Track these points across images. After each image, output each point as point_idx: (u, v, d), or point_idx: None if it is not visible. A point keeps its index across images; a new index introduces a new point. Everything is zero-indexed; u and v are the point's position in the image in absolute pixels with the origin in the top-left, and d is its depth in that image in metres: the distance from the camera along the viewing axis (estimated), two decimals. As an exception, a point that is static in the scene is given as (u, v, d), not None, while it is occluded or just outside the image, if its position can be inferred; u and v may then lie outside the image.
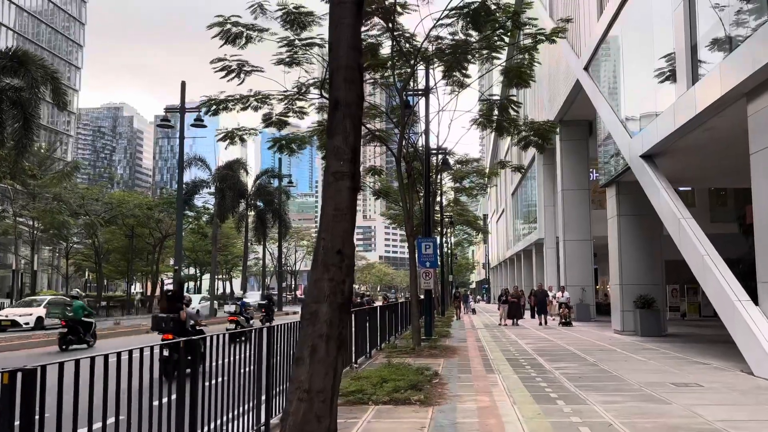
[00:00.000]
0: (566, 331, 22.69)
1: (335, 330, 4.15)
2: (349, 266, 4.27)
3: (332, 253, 4.22)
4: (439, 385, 10.10)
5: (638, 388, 9.59)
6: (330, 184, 4.32)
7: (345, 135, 4.34)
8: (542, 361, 13.53)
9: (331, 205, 4.29)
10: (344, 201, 4.29)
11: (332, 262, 4.21)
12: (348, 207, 4.29)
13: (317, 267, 4.26)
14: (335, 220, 4.26)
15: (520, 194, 52.81)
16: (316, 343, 4.09)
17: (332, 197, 4.31)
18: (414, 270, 16.77)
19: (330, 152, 4.40)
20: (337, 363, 4.18)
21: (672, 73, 15.90)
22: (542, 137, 17.58)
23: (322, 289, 4.18)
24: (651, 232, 20.61)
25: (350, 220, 4.31)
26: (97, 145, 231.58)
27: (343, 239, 4.26)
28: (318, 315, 4.14)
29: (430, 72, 18.84)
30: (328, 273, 4.20)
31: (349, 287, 4.26)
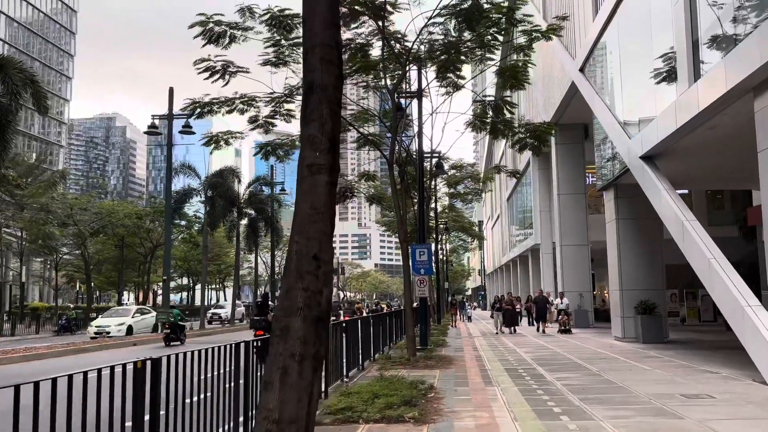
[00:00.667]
0: (565, 339, 22.11)
1: (310, 348, 3.57)
2: (327, 274, 3.69)
3: (307, 259, 3.65)
4: (434, 400, 9.49)
5: (647, 401, 9.00)
6: (305, 178, 3.75)
7: (321, 122, 3.77)
8: (543, 371, 12.93)
9: (307, 203, 3.71)
10: (321, 198, 3.71)
11: (307, 269, 3.63)
12: (325, 205, 3.72)
13: (289, 275, 3.68)
14: (311, 220, 3.69)
15: (516, 199, 52.33)
16: (288, 364, 3.50)
17: (307, 193, 3.73)
18: (408, 277, 16.17)
19: (304, 142, 3.83)
20: (312, 387, 3.59)
21: (672, 72, 15.41)
22: (538, 139, 17.04)
23: (295, 300, 3.60)
24: (651, 235, 20.09)
25: (328, 220, 3.73)
26: (89, 155, 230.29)
27: (320, 242, 3.68)
28: (290, 331, 3.56)
29: (422, 73, 18.31)
30: (302, 281, 3.61)
31: (328, 298, 3.68)
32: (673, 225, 14.56)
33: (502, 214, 63.90)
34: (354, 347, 13.07)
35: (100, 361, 10.37)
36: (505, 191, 58.09)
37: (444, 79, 18.04)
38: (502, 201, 62.59)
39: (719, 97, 11.66)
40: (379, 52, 16.78)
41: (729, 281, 11.46)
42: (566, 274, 30.02)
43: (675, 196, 14.82)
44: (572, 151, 30.83)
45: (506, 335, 24.91)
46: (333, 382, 10.99)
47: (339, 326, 11.89)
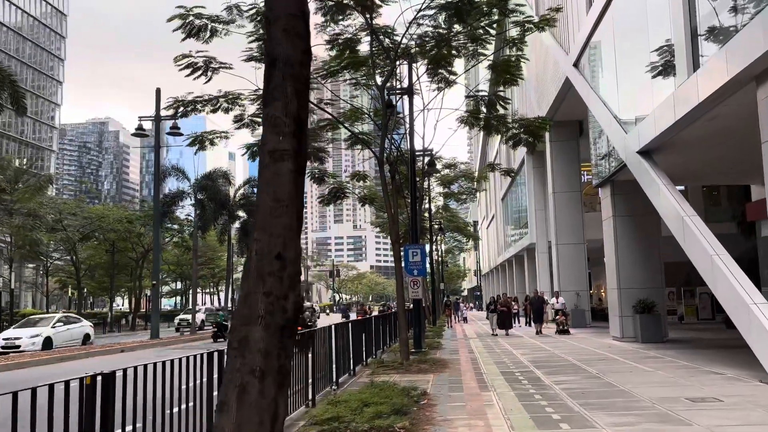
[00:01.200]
0: (563, 339, 21.64)
1: (273, 362, 3.08)
2: (293, 276, 3.20)
3: (269, 258, 3.16)
4: (427, 407, 9.00)
5: (650, 405, 8.53)
6: (266, 166, 3.27)
7: (285, 102, 3.29)
8: (540, 374, 12.46)
9: (269, 195, 3.23)
10: (285, 188, 3.23)
11: (269, 270, 3.15)
12: (290, 196, 3.23)
13: (249, 277, 3.19)
14: (273, 214, 3.20)
15: (510, 199, 51.90)
16: (247, 381, 3.01)
17: (270, 183, 3.25)
18: (400, 279, 15.69)
19: (266, 124, 3.35)
20: (277, 406, 3.10)
21: (669, 65, 14.99)
22: (533, 134, 16.58)
23: (255, 306, 3.11)
24: (649, 232, 19.67)
25: (294, 214, 3.24)
26: (83, 160, 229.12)
27: (284, 239, 3.19)
28: (249, 342, 3.07)
29: (413, 69, 17.85)
30: (263, 285, 3.13)
31: (295, 303, 3.20)
32: (673, 221, 14.11)
33: (497, 213, 63.49)
34: (344, 352, 12.58)
35: (75, 371, 9.85)
36: (500, 191, 57.68)
37: (435, 75, 17.59)
38: (496, 201, 62.17)
39: (720, 87, 11.22)
40: (368, 48, 16.31)
41: (733, 278, 11.02)
42: (562, 273, 29.58)
43: (674, 191, 14.38)
44: (567, 148, 30.41)
45: (502, 336, 24.42)
46: (322, 389, 10.50)
47: (328, 331, 11.40)
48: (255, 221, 3.27)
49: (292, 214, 3.22)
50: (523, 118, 17.49)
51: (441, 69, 16.99)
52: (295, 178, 3.25)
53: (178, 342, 27.36)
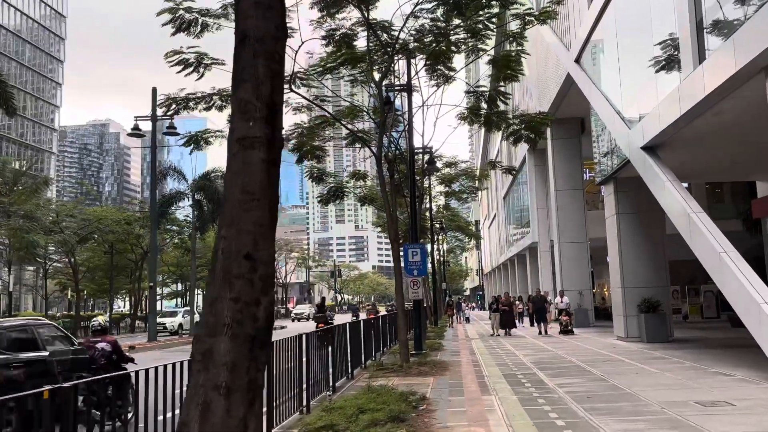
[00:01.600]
0: (566, 340, 21.26)
1: (242, 376, 2.73)
2: (265, 278, 2.84)
3: (237, 259, 2.81)
4: (426, 413, 8.64)
5: (659, 410, 8.16)
6: (235, 155, 2.92)
7: (256, 83, 2.94)
8: (543, 376, 12.09)
9: (237, 186, 2.87)
10: (256, 179, 2.88)
11: (238, 272, 2.80)
12: (262, 189, 2.88)
13: (214, 281, 2.84)
14: (243, 209, 2.85)
15: (512, 197, 51.52)
16: (211, 399, 2.66)
17: (238, 174, 2.90)
18: (400, 279, 15.32)
19: (235, 109, 2.99)
20: (246, 427, 2.74)
21: (672, 59, 14.62)
22: (534, 130, 16.19)
23: (221, 314, 2.76)
24: (653, 230, 19.29)
25: (266, 208, 2.89)
26: (83, 162, 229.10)
27: (255, 237, 2.84)
28: (213, 355, 2.72)
29: (412, 65, 17.48)
30: (230, 289, 2.78)
31: (267, 310, 2.84)
32: (678, 218, 13.74)
33: (498, 213, 63.10)
34: (341, 355, 12.23)
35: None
36: (501, 190, 57.30)
37: (434, 71, 17.22)
38: (498, 200, 61.79)
39: (727, 79, 10.84)
40: (365, 44, 15.95)
41: (742, 276, 10.64)
42: (565, 272, 29.19)
43: (680, 187, 14.00)
44: (569, 145, 30.02)
45: (504, 337, 24.02)
46: (318, 395, 10.15)
47: (324, 334, 11.05)
48: (221, 218, 2.92)
49: (264, 209, 2.86)
50: (523, 114, 17.10)
51: (440, 65, 16.64)
52: (268, 168, 2.90)
53: (176, 344, 26.99)
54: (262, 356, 2.83)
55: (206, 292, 2.91)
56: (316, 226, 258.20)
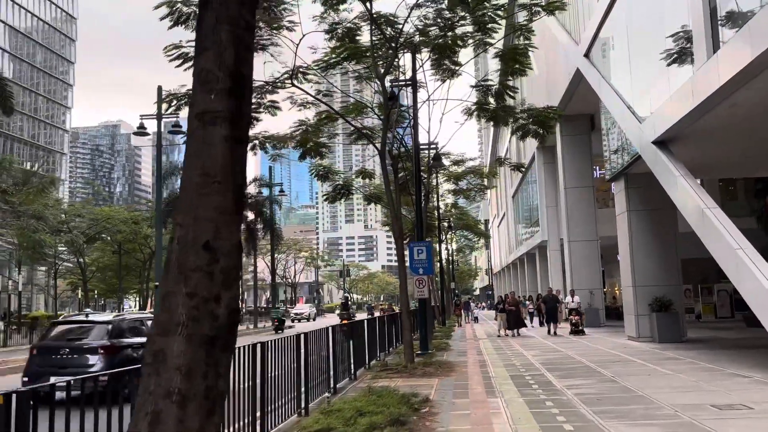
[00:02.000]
0: (576, 340, 20.82)
1: (198, 382, 2.40)
2: (227, 271, 2.51)
3: (194, 249, 2.48)
4: (428, 416, 8.30)
5: (673, 414, 7.77)
6: (194, 132, 2.59)
7: (219, 50, 2.61)
8: (552, 377, 11.71)
9: (196, 167, 2.55)
10: (217, 159, 2.55)
11: (194, 265, 2.48)
12: (224, 170, 2.55)
13: (169, 274, 2.51)
14: (201, 193, 2.53)
15: (521, 196, 51.01)
16: (162, 408, 2.33)
17: (198, 154, 2.57)
18: (404, 277, 14.98)
19: (196, 80, 2.67)
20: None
21: (686, 50, 14.19)
22: (542, 125, 15.80)
23: (175, 311, 2.43)
24: (665, 227, 18.83)
25: (229, 193, 2.56)
26: (95, 163, 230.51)
27: (215, 224, 2.51)
28: (165, 357, 2.39)
29: (417, 60, 17.13)
30: (186, 283, 2.45)
31: (230, 306, 2.50)
32: (692, 214, 13.30)
33: (507, 211, 62.58)
34: (343, 355, 11.91)
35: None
36: (510, 188, 56.79)
37: (440, 66, 16.87)
38: (507, 198, 61.27)
39: (743, 68, 10.41)
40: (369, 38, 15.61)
41: (760, 274, 10.21)
42: (575, 271, 28.70)
43: (693, 183, 13.56)
44: (578, 142, 29.52)
45: (512, 337, 23.58)
46: (318, 396, 9.84)
47: (324, 333, 10.73)
48: (178, 202, 2.59)
49: (225, 193, 2.53)
50: (531, 108, 16.69)
51: (445, 59, 16.28)
52: (232, 147, 2.57)
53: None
54: (224, 359, 2.50)
55: (160, 286, 2.59)
56: (325, 225, 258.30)
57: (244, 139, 2.64)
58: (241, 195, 2.63)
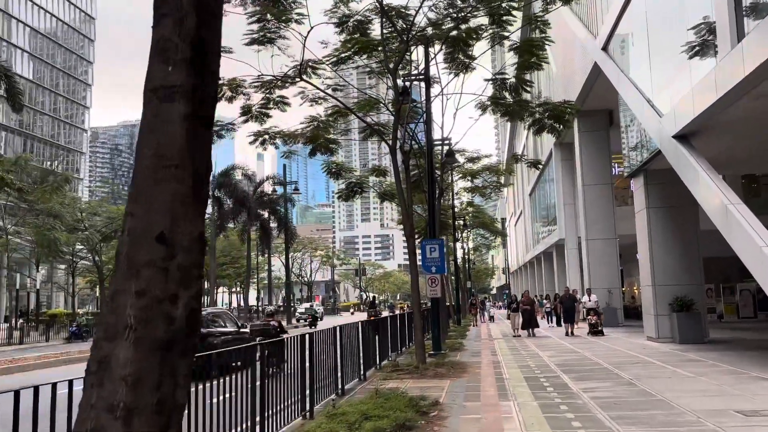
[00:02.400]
0: (593, 340, 20.32)
1: (148, 394, 2.09)
2: (186, 268, 2.19)
3: (147, 241, 2.17)
4: (437, 421, 7.96)
5: (696, 420, 7.35)
6: (149, 110, 2.28)
7: (179, 16, 2.29)
8: (567, 379, 11.31)
9: (150, 149, 2.23)
10: (175, 140, 2.24)
11: (147, 259, 2.17)
12: (182, 152, 2.23)
13: (119, 270, 2.20)
14: (156, 178, 2.21)
15: (538, 194, 50.37)
16: (103, 424, 2.02)
17: (152, 133, 2.25)
18: (415, 275, 14.64)
19: (153, 50, 2.36)
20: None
21: (708, 43, 13.68)
22: (558, 119, 15.35)
23: (122, 312, 2.12)
24: (686, 225, 18.30)
25: (188, 179, 2.23)
26: (114, 162, 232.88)
27: (171, 214, 2.19)
28: (110, 365, 2.09)
29: (430, 53, 16.76)
30: (136, 281, 2.14)
31: (189, 308, 2.18)
32: (715, 210, 12.80)
33: (524, 209, 61.92)
34: (352, 355, 11.60)
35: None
36: (527, 186, 56.15)
37: (453, 59, 16.48)
38: (524, 196, 60.62)
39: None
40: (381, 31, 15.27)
41: (787, 273, 9.72)
42: (593, 270, 28.16)
43: (716, 178, 13.05)
44: (596, 139, 28.94)
45: (528, 337, 23.10)
46: (325, 398, 9.54)
47: (331, 333, 10.43)
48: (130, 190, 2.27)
49: (184, 179, 2.22)
50: (547, 102, 16.24)
51: (459, 53, 15.89)
52: (192, 127, 2.26)
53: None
54: (183, 367, 2.18)
55: (109, 284, 2.28)
56: (341, 224, 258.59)
57: (207, 119, 2.32)
58: (203, 182, 2.31)
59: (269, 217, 40.24)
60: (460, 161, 28.71)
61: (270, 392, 7.11)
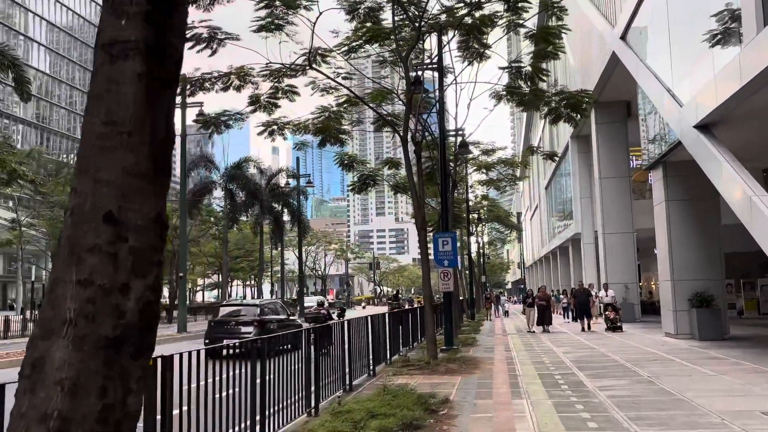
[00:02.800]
0: (610, 336, 19.87)
1: (90, 401, 1.78)
2: (140, 252, 1.87)
3: (92, 221, 1.85)
4: (446, 419, 7.63)
5: (720, 422, 6.97)
6: (99, 69, 1.97)
7: (133, -39, 1.97)
8: (583, 376, 10.93)
9: (99, 114, 1.92)
10: (128, 104, 1.91)
11: (91, 243, 1.85)
12: (137, 119, 1.91)
13: (60, 255, 1.89)
14: (104, 147, 1.89)
15: (554, 187, 49.73)
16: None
17: (100, 97, 1.93)
18: (427, 269, 14.30)
19: (105, 5, 2.04)
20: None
21: (731, 30, 13.16)
22: (575, 108, 14.89)
23: (61, 304, 1.81)
24: (706, 218, 17.79)
25: (144, 149, 1.91)
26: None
27: (122, 190, 1.88)
28: (44, 367, 1.78)
29: (442, 41, 16.35)
30: (78, 268, 1.82)
31: (143, 301, 1.86)
32: (738, 202, 12.31)
33: (540, 203, 61.26)
34: (360, 351, 11.30)
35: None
36: (543, 180, 55.49)
37: (467, 49, 16.07)
38: (540, 190, 59.96)
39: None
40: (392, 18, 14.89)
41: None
42: (610, 264, 27.61)
43: (739, 169, 12.55)
44: (614, 130, 28.31)
45: (543, 333, 22.66)
46: (332, 394, 9.26)
47: (339, 327, 10.14)
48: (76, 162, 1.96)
49: (139, 149, 1.90)
50: (563, 90, 15.77)
51: (473, 41, 15.47)
52: (150, 89, 1.93)
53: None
54: (136, 369, 1.87)
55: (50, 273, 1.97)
56: (356, 218, 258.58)
57: (169, 81, 2.00)
58: (163, 154, 2.00)
59: (282, 210, 40.01)
60: (475, 153, 28.28)
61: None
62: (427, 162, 21.78)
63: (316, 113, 16.83)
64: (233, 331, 16.60)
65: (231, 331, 16.43)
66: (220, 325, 17.72)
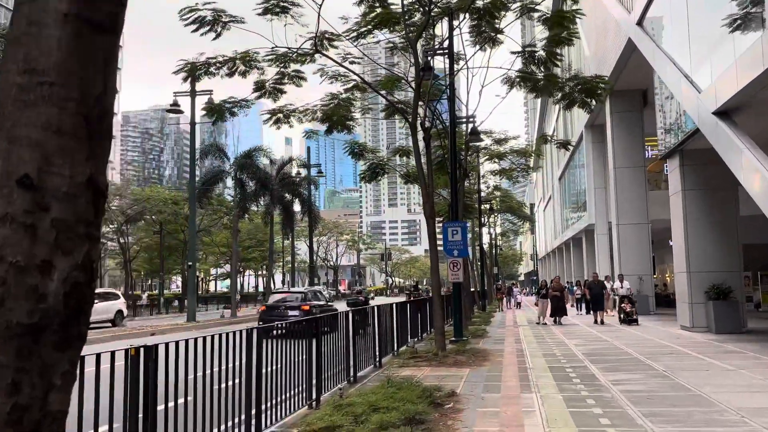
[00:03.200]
0: (624, 329, 19.46)
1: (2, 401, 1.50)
2: (65, 224, 1.57)
3: (5, 185, 1.56)
4: (451, 414, 7.34)
5: (739, 419, 6.61)
6: (18, 9, 1.67)
7: None
8: (595, 370, 10.59)
9: (16, 62, 1.62)
10: (51, 51, 1.61)
11: (1, 212, 1.56)
12: (63, 68, 1.60)
13: None
14: (22, 100, 1.59)
15: (568, 178, 49.09)
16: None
17: (19, 41, 1.63)
18: (435, 258, 13.97)
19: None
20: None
21: (751, 14, 12.64)
22: (590, 93, 14.45)
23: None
24: (724, 208, 17.31)
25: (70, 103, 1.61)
26: (145, 146, 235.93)
27: (42, 150, 1.56)
28: None
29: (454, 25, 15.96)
30: None
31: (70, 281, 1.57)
32: (761, 191, 11.86)
33: (553, 194, 60.60)
34: (365, 342, 11.04)
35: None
36: (557, 170, 54.83)
37: (479, 33, 15.66)
38: (553, 181, 59.28)
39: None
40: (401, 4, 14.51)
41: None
42: (624, 256, 27.10)
43: (762, 157, 12.08)
44: (629, 119, 27.72)
45: (555, 325, 22.27)
46: (335, 385, 9.00)
47: (344, 317, 9.87)
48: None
49: (65, 103, 1.60)
50: (577, 75, 15.32)
51: (485, 25, 15.06)
52: (76, 30, 1.63)
53: (217, 325, 26.42)
54: (60, 362, 1.58)
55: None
56: (369, 209, 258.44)
57: (103, 25, 1.70)
58: (99, 112, 1.70)
59: (293, 200, 39.81)
60: (487, 142, 27.85)
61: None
62: (438, 151, 21.42)
63: (325, 100, 16.52)
64: (282, 314, 18.69)
65: (280, 314, 18.64)
66: (271, 309, 20.33)
